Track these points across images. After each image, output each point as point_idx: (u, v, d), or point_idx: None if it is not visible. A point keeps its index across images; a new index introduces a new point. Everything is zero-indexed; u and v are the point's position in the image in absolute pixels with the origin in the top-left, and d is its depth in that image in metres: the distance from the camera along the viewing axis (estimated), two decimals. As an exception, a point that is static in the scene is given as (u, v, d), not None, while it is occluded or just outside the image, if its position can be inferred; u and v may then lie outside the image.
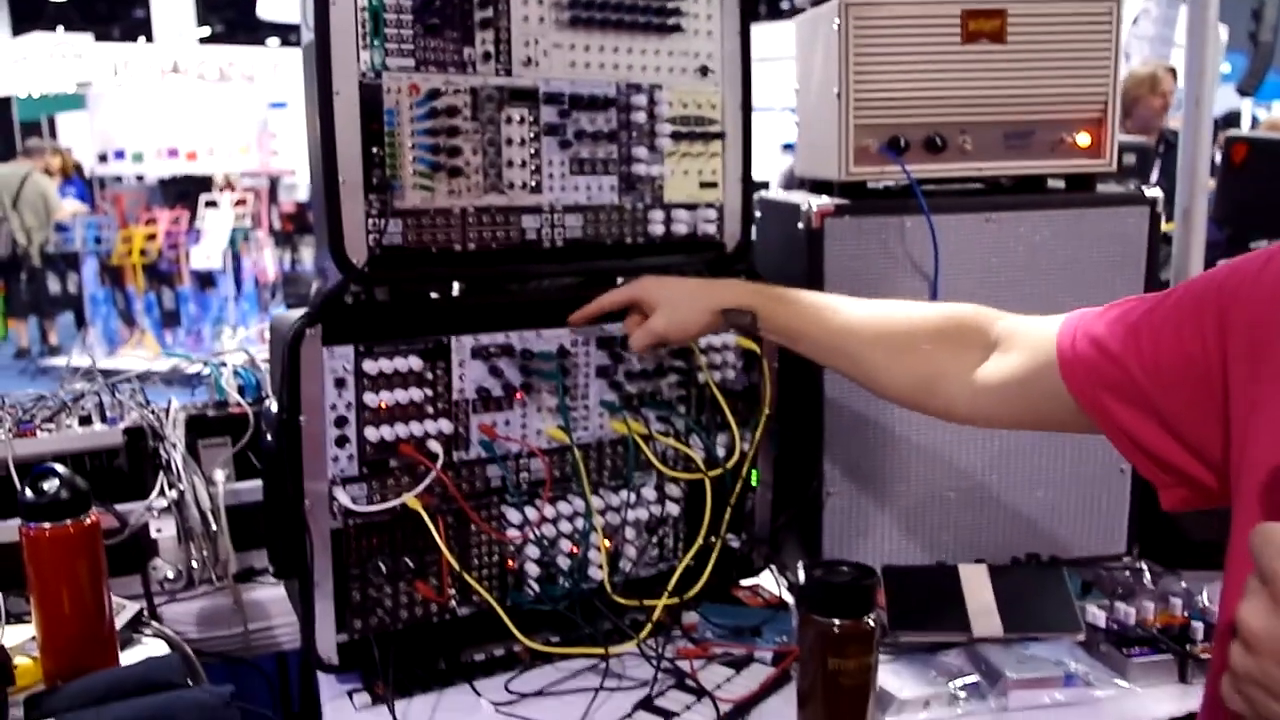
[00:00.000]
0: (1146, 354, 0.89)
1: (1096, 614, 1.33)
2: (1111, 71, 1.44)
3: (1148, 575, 1.47)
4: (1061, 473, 1.52)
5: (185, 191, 9.59)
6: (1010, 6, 1.40)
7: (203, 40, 11.01)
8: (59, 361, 7.87)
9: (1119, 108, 1.46)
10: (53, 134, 11.86)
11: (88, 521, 1.19)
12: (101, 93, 10.51)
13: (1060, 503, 1.53)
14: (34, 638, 1.22)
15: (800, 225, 1.42)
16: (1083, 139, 1.45)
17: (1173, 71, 4.70)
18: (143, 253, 8.49)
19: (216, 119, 10.26)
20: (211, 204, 8.83)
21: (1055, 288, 1.46)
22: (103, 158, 10.47)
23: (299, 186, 9.84)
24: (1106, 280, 1.47)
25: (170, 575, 1.48)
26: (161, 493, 1.46)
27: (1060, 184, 1.52)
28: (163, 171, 10.33)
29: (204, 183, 9.74)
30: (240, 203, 8.79)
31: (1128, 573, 1.48)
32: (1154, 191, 1.49)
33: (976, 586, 1.35)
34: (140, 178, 10.48)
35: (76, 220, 8.58)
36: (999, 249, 1.45)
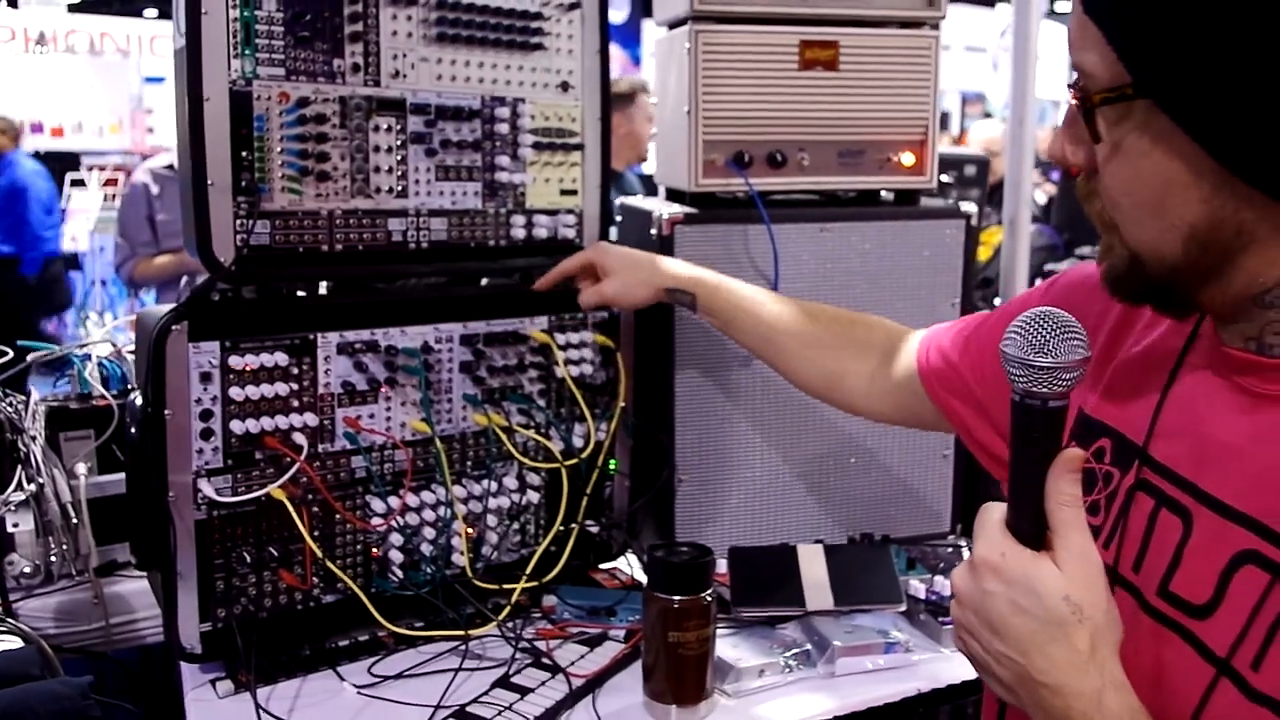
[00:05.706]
0: (974, 362, 1.07)
1: (917, 587, 1.46)
2: (931, 98, 1.58)
3: (966, 551, 1.63)
4: (892, 459, 1.66)
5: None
6: (842, 38, 1.53)
7: (72, 8, 10.36)
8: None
9: (938, 130, 1.61)
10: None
11: (-58, 516, 1.16)
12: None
13: (892, 487, 1.67)
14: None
15: (653, 231, 1.52)
16: (907, 158, 1.59)
17: None
18: (1, 231, 8.01)
19: (86, 93, 9.71)
20: (78, 183, 8.40)
21: (882, 290, 1.60)
22: (-43, 130, 9.78)
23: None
24: (927, 283, 1.62)
25: (27, 570, 1.45)
26: (19, 486, 1.42)
27: (890, 197, 1.66)
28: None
29: (71, 160, 9.22)
30: (110, 182, 8.39)
31: (950, 549, 1.63)
32: (969, 206, 1.64)
33: (812, 564, 1.46)
34: (-1, 153, 9.84)
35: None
36: (833, 256, 1.58)
